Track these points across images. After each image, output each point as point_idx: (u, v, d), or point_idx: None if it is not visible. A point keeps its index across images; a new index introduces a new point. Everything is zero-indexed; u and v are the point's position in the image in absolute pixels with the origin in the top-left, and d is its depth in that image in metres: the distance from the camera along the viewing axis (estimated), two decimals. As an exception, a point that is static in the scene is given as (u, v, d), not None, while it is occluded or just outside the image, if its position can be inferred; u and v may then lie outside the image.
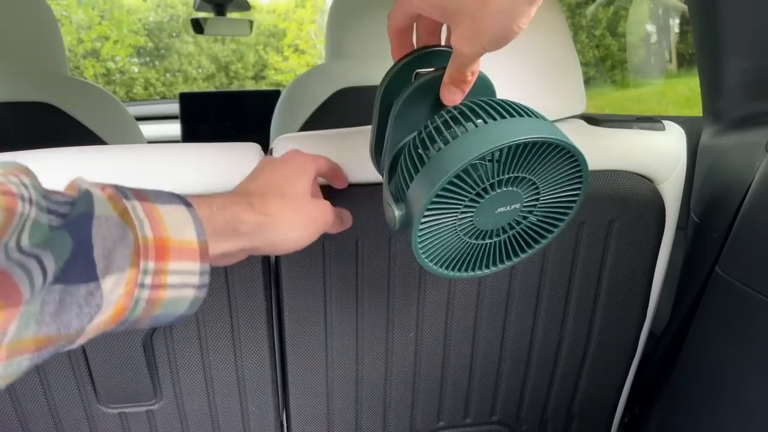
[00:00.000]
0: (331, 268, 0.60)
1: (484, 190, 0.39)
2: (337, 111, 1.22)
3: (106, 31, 5.40)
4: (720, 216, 0.66)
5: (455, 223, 0.41)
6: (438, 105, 0.43)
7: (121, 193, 0.34)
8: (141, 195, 0.35)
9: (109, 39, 5.38)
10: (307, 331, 0.63)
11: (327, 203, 0.47)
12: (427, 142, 0.40)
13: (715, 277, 0.65)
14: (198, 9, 2.10)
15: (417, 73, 0.44)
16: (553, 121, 0.60)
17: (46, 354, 0.29)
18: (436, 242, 0.42)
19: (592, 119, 0.63)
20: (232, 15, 2.12)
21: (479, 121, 0.39)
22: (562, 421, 0.76)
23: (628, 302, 0.68)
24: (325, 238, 0.58)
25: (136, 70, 5.63)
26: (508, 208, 0.41)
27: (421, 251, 0.42)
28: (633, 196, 0.61)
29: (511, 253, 0.45)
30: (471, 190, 0.39)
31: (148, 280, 0.33)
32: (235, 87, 5.63)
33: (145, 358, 0.61)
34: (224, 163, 0.56)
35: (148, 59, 5.66)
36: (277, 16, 5.80)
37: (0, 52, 0.96)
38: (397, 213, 0.41)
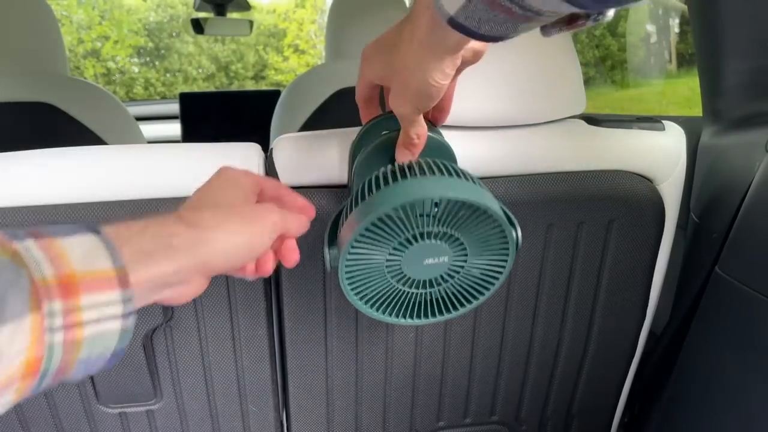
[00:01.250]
0: None
1: (414, 237, 0.41)
2: (337, 111, 1.22)
3: (107, 31, 5.40)
4: (720, 216, 0.66)
5: (383, 265, 0.43)
6: (392, 162, 0.46)
7: (10, 235, 0.31)
8: (36, 233, 0.32)
9: (110, 39, 5.38)
10: (307, 331, 0.63)
11: (269, 204, 0.42)
12: (366, 192, 0.43)
13: (714, 277, 0.65)
14: (198, 9, 2.10)
15: (384, 133, 0.49)
16: (553, 121, 0.60)
17: None
18: (365, 281, 0.43)
19: (592, 119, 0.63)
20: (232, 15, 2.12)
21: (407, 178, 0.41)
22: (562, 421, 0.76)
23: (628, 302, 0.68)
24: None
25: (136, 70, 5.63)
26: (436, 260, 0.43)
27: (348, 285, 0.43)
28: (633, 196, 0.61)
29: (443, 308, 0.46)
30: (396, 236, 0.41)
31: (58, 322, 0.30)
32: (235, 87, 5.63)
33: (145, 358, 0.61)
34: (224, 163, 0.56)
35: (148, 59, 5.66)
36: (277, 16, 5.80)
37: (0, 52, 0.96)
38: (328, 254, 0.45)
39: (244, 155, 0.57)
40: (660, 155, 0.62)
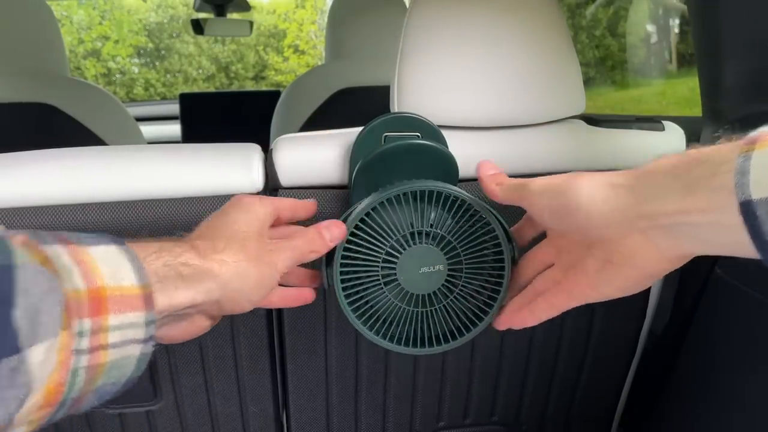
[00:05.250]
0: None
1: (405, 238, 0.41)
2: (337, 111, 1.22)
3: (107, 32, 5.40)
4: (720, 216, 0.66)
5: (378, 274, 0.42)
6: (391, 174, 0.46)
7: (38, 238, 0.27)
8: (62, 238, 0.28)
9: (110, 39, 5.39)
10: (307, 330, 0.63)
11: (281, 241, 0.40)
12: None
13: (714, 278, 0.65)
14: (198, 10, 2.10)
15: (386, 136, 0.49)
16: (553, 121, 0.60)
17: None
18: (361, 292, 0.43)
19: (591, 120, 0.63)
20: (232, 16, 2.13)
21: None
22: (562, 421, 0.76)
23: (628, 302, 0.67)
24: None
25: (136, 70, 5.63)
26: (431, 269, 0.42)
27: (345, 298, 0.42)
28: None
29: (448, 335, 0.45)
30: (388, 238, 0.41)
31: (85, 343, 0.26)
32: (235, 88, 5.63)
33: None
34: (224, 164, 0.56)
35: (148, 60, 5.66)
36: (277, 16, 5.81)
37: (0, 52, 0.96)
38: (325, 272, 0.43)
39: (244, 155, 0.57)
40: (660, 155, 0.62)
